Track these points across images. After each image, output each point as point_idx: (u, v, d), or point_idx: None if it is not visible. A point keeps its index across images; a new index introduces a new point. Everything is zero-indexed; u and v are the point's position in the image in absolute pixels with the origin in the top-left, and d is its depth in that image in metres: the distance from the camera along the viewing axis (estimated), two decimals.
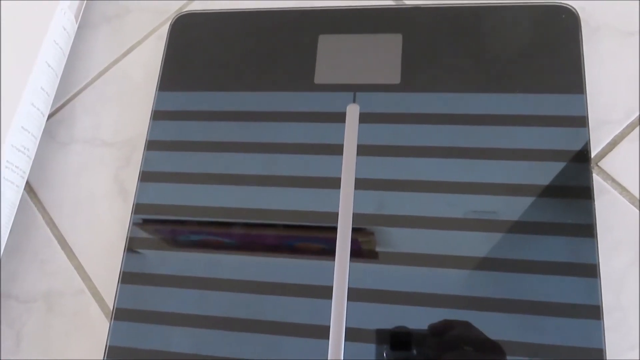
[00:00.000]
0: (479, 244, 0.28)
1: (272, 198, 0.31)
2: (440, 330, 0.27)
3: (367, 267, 0.29)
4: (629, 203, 0.29)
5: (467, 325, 0.27)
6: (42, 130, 0.35)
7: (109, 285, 0.32)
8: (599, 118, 0.31)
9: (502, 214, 0.28)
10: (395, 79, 0.33)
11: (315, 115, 0.32)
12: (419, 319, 0.27)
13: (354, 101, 0.32)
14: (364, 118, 0.32)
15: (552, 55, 0.31)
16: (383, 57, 0.33)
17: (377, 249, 0.29)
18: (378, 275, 0.28)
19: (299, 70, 0.34)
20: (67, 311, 0.32)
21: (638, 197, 0.29)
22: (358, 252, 0.29)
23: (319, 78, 0.33)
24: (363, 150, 0.31)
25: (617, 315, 0.27)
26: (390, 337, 0.27)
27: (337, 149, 0.31)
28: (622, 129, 0.30)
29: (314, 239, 0.30)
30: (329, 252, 0.29)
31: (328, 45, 0.34)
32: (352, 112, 0.32)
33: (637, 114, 0.31)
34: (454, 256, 0.28)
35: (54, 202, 0.35)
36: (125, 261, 0.31)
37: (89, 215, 0.34)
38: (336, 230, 0.29)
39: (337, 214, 0.30)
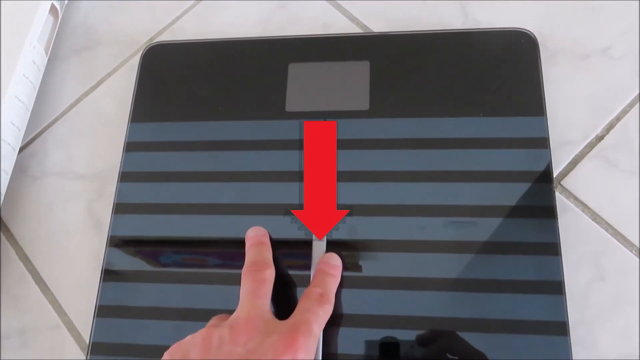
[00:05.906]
0: (448, 266, 0.29)
1: (247, 226, 0.31)
2: (427, 340, 0.28)
3: (341, 292, 0.29)
4: (590, 220, 0.30)
5: (452, 335, 0.27)
6: (13, 165, 0.35)
7: (85, 319, 0.32)
8: (559, 139, 0.32)
9: (470, 235, 0.29)
10: (364, 105, 0.33)
11: (287, 143, 0.33)
12: (395, 340, 0.28)
13: None
14: None
15: (513, 79, 0.33)
16: (352, 84, 0.34)
17: (351, 273, 0.29)
18: (352, 299, 0.29)
19: (270, 99, 0.34)
20: (43, 347, 0.32)
21: (599, 214, 0.30)
22: None
23: (290, 106, 0.34)
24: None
25: (582, 329, 0.28)
26: (377, 347, 0.28)
27: None
28: (581, 148, 0.32)
29: (288, 266, 0.30)
30: (304, 279, 0.30)
31: (298, 73, 0.35)
32: None
33: (595, 133, 0.32)
34: (424, 278, 0.29)
35: (27, 237, 0.35)
36: (101, 294, 0.31)
37: (63, 249, 0.34)
38: (310, 257, 0.30)
39: (312, 240, 0.30)
